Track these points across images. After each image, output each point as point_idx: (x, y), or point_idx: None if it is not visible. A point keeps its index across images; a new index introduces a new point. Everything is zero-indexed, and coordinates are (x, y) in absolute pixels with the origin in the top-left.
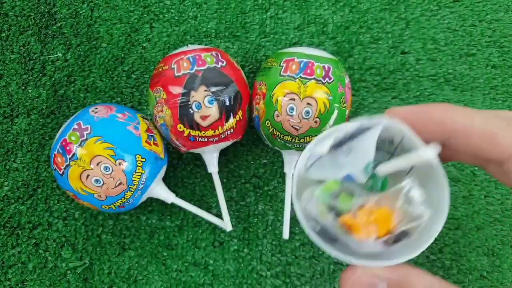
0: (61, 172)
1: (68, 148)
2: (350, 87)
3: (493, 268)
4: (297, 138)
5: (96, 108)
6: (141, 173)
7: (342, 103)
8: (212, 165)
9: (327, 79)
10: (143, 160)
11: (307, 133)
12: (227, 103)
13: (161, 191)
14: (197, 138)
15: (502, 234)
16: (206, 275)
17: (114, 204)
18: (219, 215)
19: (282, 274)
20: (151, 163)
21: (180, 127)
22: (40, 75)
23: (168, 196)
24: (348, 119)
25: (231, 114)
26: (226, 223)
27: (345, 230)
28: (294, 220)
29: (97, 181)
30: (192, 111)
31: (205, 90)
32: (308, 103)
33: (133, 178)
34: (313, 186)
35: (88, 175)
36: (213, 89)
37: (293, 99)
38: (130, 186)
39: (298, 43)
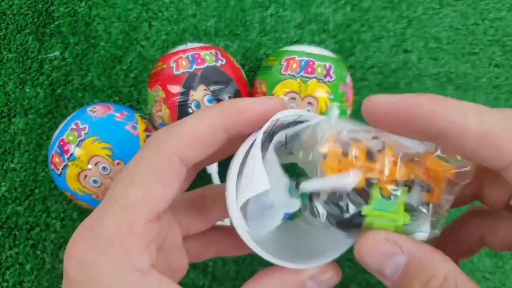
0: (58, 173)
1: (66, 148)
2: (352, 86)
3: (496, 269)
4: None
5: (94, 108)
6: None
7: (344, 102)
8: (212, 165)
9: (328, 78)
10: None
11: None
12: None
13: None
14: None
15: None
16: (205, 277)
17: None
18: None
19: None
20: None
21: None
22: (38, 74)
23: None
24: (350, 118)
25: None
26: (225, 224)
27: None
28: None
29: (95, 181)
30: (191, 110)
31: (204, 89)
32: (309, 102)
33: None
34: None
35: (86, 175)
36: (213, 88)
37: (294, 98)
38: None
39: (299, 41)
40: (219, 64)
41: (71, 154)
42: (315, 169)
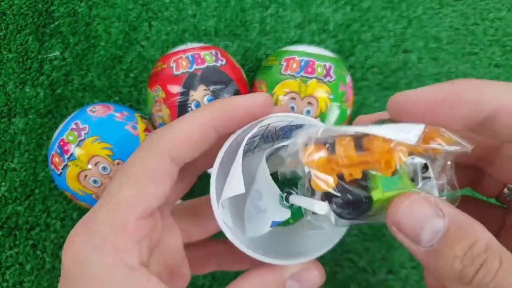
0: (59, 172)
1: (66, 148)
2: (352, 86)
3: None
4: None
5: (94, 108)
6: None
7: (344, 102)
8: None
9: (328, 78)
10: None
11: None
12: None
13: None
14: None
15: None
16: (205, 277)
17: None
18: None
19: None
20: None
21: None
22: (38, 74)
23: None
24: (350, 118)
25: None
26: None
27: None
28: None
29: (95, 181)
30: (191, 110)
31: (204, 89)
32: (309, 102)
33: None
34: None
35: (86, 175)
36: (213, 88)
37: (294, 98)
38: None
39: (299, 41)
40: (219, 64)
41: (71, 154)
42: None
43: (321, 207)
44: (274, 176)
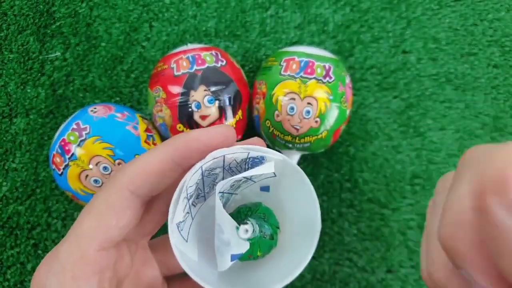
0: (60, 172)
1: (67, 148)
2: (351, 86)
3: None
4: (297, 138)
5: (95, 108)
6: None
7: (343, 103)
8: None
9: (327, 78)
10: None
11: (308, 133)
12: (227, 103)
13: None
14: None
15: None
16: None
17: None
18: None
19: None
20: None
21: (179, 127)
22: (39, 74)
23: None
24: (350, 118)
25: (231, 114)
26: None
27: None
28: None
29: (96, 181)
30: (191, 111)
31: (204, 90)
32: (308, 103)
33: None
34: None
35: (87, 175)
36: (213, 88)
37: (294, 99)
38: None
39: (299, 42)
40: (219, 65)
41: (72, 154)
42: None
43: (244, 230)
44: (241, 209)
